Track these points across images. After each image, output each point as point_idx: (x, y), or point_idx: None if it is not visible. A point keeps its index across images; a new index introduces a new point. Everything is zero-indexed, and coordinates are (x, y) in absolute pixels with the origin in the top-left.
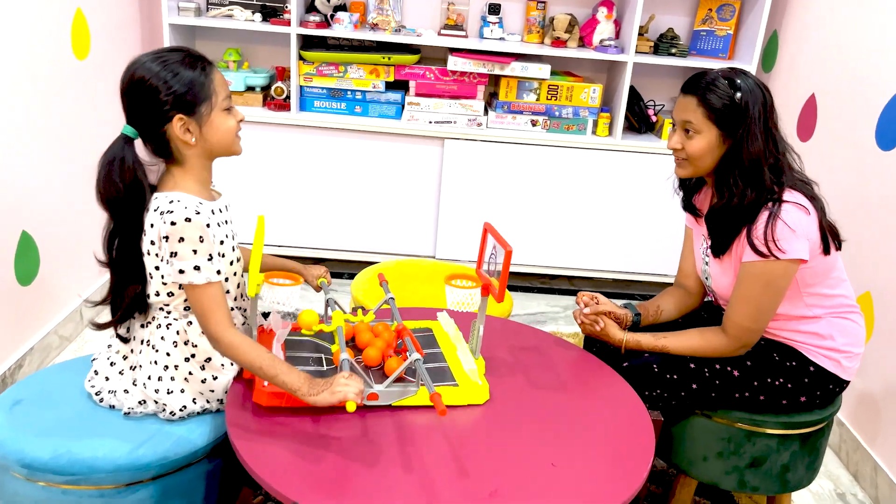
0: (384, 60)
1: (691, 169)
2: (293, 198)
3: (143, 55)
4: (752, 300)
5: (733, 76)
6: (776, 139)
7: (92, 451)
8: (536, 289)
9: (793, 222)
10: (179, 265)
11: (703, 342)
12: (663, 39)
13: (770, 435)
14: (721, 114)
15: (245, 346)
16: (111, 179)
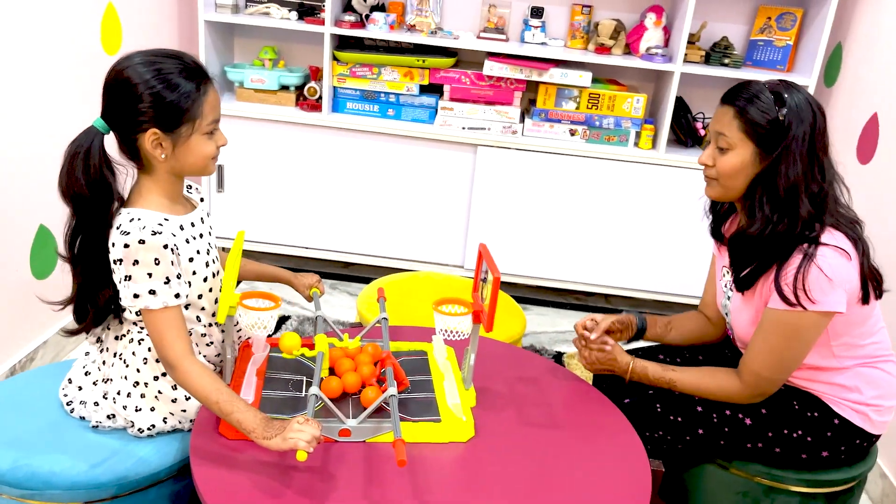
0: (419, 63)
1: (720, 189)
2: (321, 200)
3: (139, 54)
4: (774, 350)
5: (781, 90)
6: (823, 166)
7: (51, 466)
8: (570, 305)
9: (830, 270)
10: (134, 289)
11: (714, 383)
12: (716, 48)
13: (791, 492)
14: (760, 129)
15: (203, 378)
16: (73, 174)
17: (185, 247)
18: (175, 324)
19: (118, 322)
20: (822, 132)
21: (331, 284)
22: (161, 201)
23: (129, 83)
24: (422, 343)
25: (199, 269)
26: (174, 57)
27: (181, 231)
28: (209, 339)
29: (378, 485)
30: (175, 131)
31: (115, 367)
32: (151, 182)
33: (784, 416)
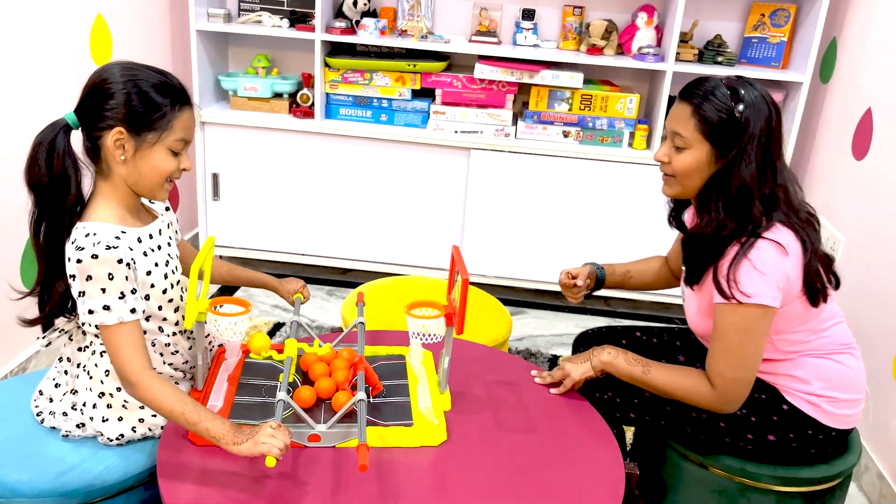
0: (410, 68)
1: (678, 187)
2: (316, 206)
3: (122, 63)
4: (729, 349)
5: (737, 86)
6: (776, 167)
7: (18, 475)
8: (568, 308)
9: (761, 263)
10: (89, 304)
11: (689, 382)
12: (709, 47)
13: (767, 491)
14: (716, 128)
15: (165, 391)
16: (37, 163)
17: (143, 260)
18: (132, 339)
19: (81, 333)
20: (777, 130)
21: (327, 291)
22: (118, 212)
23: (107, 81)
24: (400, 347)
25: (157, 281)
26: (159, 73)
27: (138, 244)
28: (174, 349)
29: (346, 490)
30: (140, 134)
31: (80, 378)
32: (110, 189)
33: None
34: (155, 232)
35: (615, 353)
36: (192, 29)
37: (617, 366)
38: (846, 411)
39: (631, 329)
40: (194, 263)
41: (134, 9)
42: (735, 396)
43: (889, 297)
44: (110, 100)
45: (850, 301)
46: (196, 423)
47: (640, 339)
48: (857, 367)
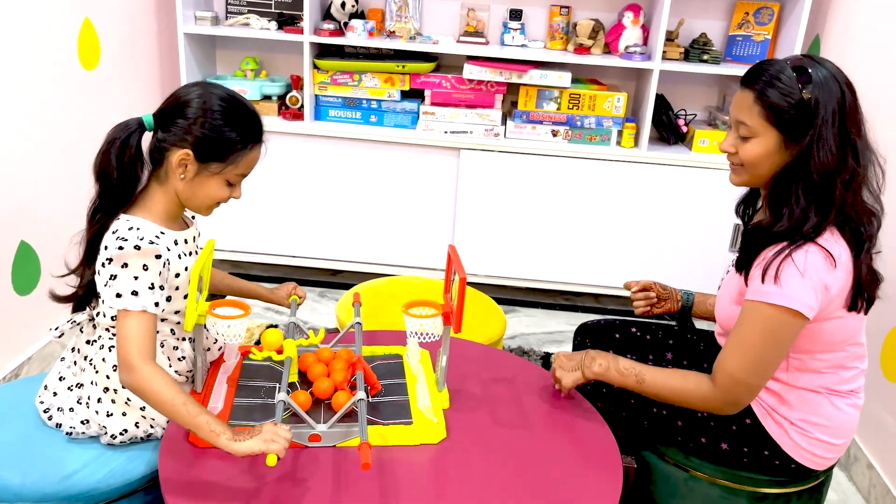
0: (399, 69)
1: (746, 177)
2: (306, 208)
3: (223, 89)
4: (750, 348)
5: (805, 65)
6: (857, 147)
7: (22, 478)
8: (559, 306)
9: (805, 264)
10: (118, 288)
11: (685, 384)
12: (695, 45)
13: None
14: (783, 114)
15: (165, 382)
16: (109, 157)
17: (176, 262)
18: (147, 329)
19: (92, 326)
20: (853, 108)
21: (318, 292)
22: (162, 214)
23: (198, 102)
24: (397, 346)
25: (182, 285)
26: (245, 108)
27: (175, 246)
28: (181, 354)
29: (348, 489)
30: (205, 164)
31: (86, 371)
32: (161, 193)
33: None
34: (189, 238)
35: (606, 363)
36: (179, 32)
37: (609, 377)
38: (818, 451)
39: (628, 324)
40: (194, 266)
41: (121, 12)
42: (737, 400)
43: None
44: (187, 121)
45: None
46: (195, 416)
47: (634, 334)
48: (853, 414)
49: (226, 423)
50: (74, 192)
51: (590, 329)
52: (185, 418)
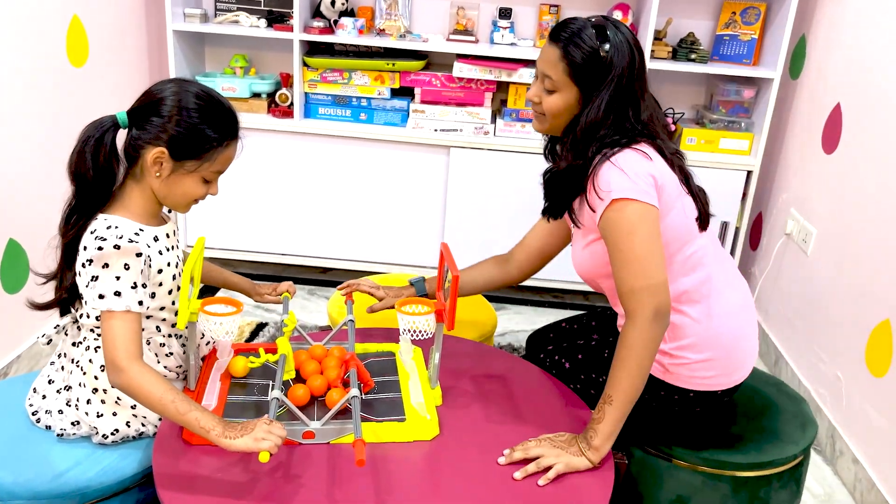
0: (389, 67)
1: (547, 125)
2: (296, 206)
3: (197, 85)
4: (627, 256)
5: (606, 26)
6: (639, 107)
7: (14, 477)
8: (548, 303)
9: (621, 163)
10: (100, 289)
11: (627, 348)
12: (682, 44)
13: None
14: (581, 70)
15: (154, 380)
16: (84, 157)
17: (157, 258)
18: (132, 328)
19: (76, 329)
20: (640, 70)
21: (308, 290)
22: (140, 212)
23: (172, 100)
24: (389, 344)
25: (165, 281)
26: (221, 104)
27: (155, 242)
28: (168, 350)
29: (342, 485)
30: (180, 161)
31: (73, 374)
32: (138, 191)
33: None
34: (170, 232)
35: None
36: (168, 29)
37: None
38: (697, 373)
39: (558, 322)
40: (186, 264)
41: (110, 10)
42: (654, 307)
43: (859, 287)
44: (162, 119)
45: (822, 291)
46: (185, 413)
47: (564, 328)
48: (699, 318)
49: (217, 418)
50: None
51: (535, 339)
52: (175, 416)
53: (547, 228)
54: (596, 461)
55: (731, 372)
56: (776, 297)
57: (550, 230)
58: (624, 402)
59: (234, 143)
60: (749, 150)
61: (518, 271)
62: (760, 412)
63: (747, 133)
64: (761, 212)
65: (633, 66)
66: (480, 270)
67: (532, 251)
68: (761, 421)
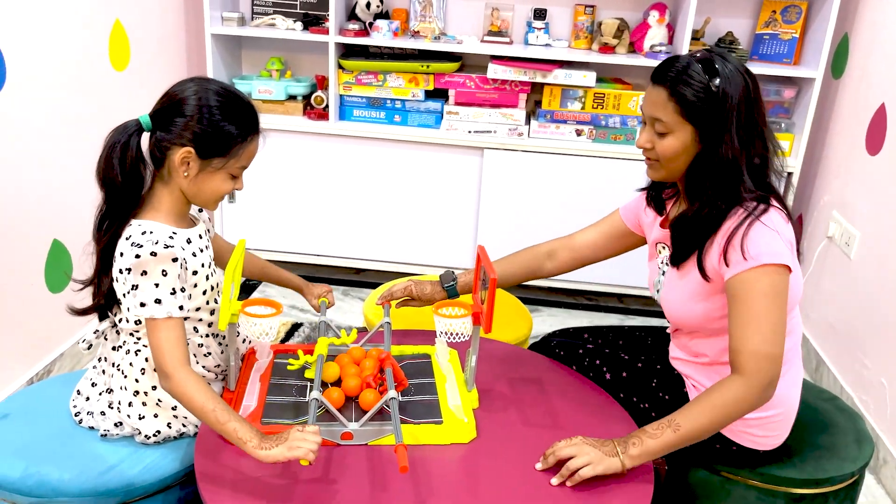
0: (423, 69)
1: (663, 172)
2: (330, 208)
3: (215, 82)
4: (761, 320)
5: (712, 59)
6: (764, 134)
7: (60, 474)
8: (582, 306)
9: (774, 224)
10: (141, 297)
11: (727, 398)
12: (721, 44)
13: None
14: (696, 108)
15: (199, 388)
16: (111, 163)
17: (192, 260)
18: (176, 333)
19: (115, 333)
20: (757, 99)
21: (342, 291)
22: (171, 214)
23: (193, 100)
24: (425, 346)
25: (200, 282)
26: (237, 98)
27: (188, 245)
28: (206, 350)
29: (381, 488)
30: (207, 160)
31: (114, 377)
32: (167, 193)
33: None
34: (202, 233)
35: (638, 440)
36: (206, 33)
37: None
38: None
39: (580, 331)
40: (228, 266)
41: (151, 14)
42: (771, 376)
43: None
44: (185, 119)
45: (866, 296)
46: (225, 423)
47: (587, 339)
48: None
49: (255, 430)
50: None
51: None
52: (215, 424)
53: (602, 239)
54: (627, 467)
55: (780, 434)
56: (817, 302)
57: (606, 242)
58: (685, 438)
59: (256, 138)
60: (789, 152)
61: (556, 270)
62: (815, 427)
63: (787, 134)
64: (801, 214)
65: (749, 94)
66: (517, 264)
67: (579, 256)
68: (816, 436)
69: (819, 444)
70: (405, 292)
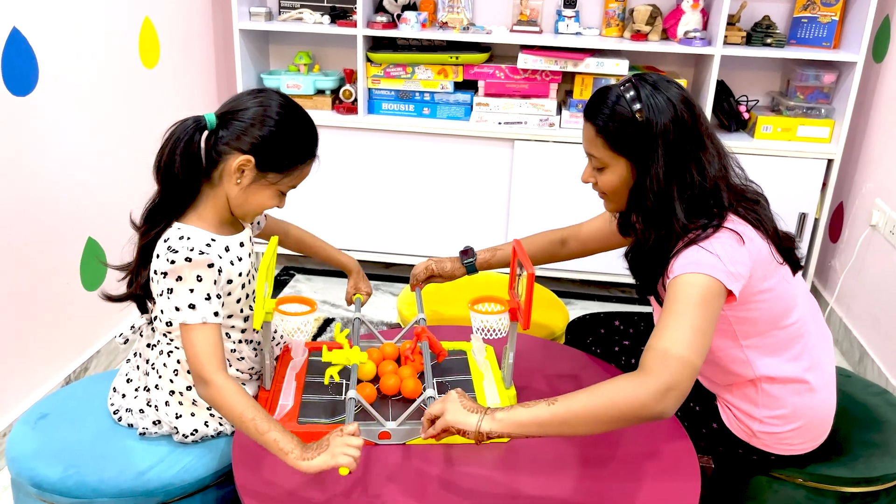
0: (452, 60)
1: (613, 204)
2: (359, 202)
3: (287, 98)
4: (680, 320)
5: (631, 88)
6: (701, 159)
7: (99, 474)
8: (616, 298)
9: (713, 246)
10: (175, 302)
11: (608, 388)
12: (757, 29)
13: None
14: (621, 140)
15: (238, 395)
16: (174, 157)
17: (228, 268)
18: (212, 339)
19: (150, 330)
20: (687, 121)
21: (373, 286)
22: (213, 220)
23: (262, 109)
24: (461, 343)
25: (235, 290)
26: (312, 124)
27: (226, 253)
28: (240, 355)
29: (419, 486)
30: (264, 172)
31: (150, 376)
32: (212, 196)
33: None
34: (244, 241)
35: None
36: (234, 28)
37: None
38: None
39: (611, 317)
40: (261, 265)
41: (179, 11)
42: (673, 382)
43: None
44: (253, 127)
45: None
46: (265, 433)
47: (618, 328)
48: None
49: (295, 439)
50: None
51: (578, 325)
52: (254, 434)
53: (605, 231)
54: (485, 429)
55: (817, 438)
56: (860, 292)
57: (609, 235)
58: (559, 418)
59: (312, 162)
60: (829, 138)
61: (568, 257)
62: (865, 424)
63: (827, 120)
64: (842, 202)
65: (679, 119)
66: (536, 248)
67: (586, 247)
68: (866, 433)
69: (870, 442)
70: (426, 272)
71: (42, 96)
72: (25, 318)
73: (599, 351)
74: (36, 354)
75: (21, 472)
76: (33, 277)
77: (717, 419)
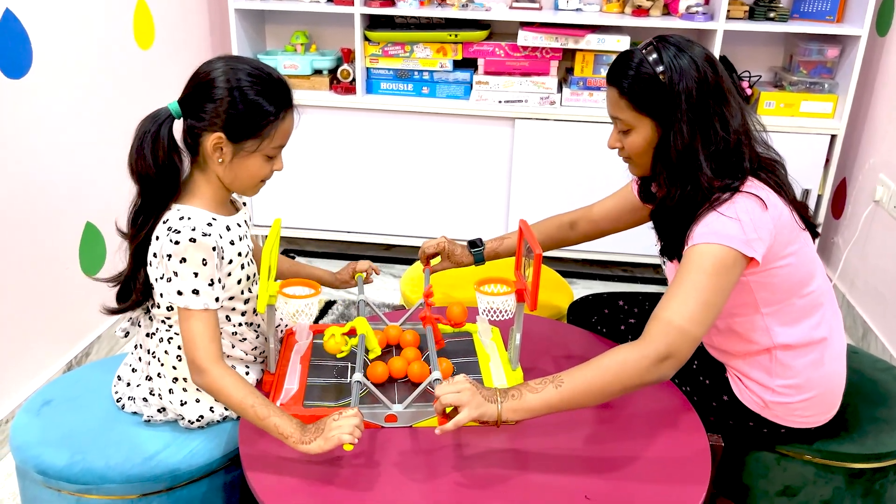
0: (451, 38)
1: (638, 168)
2: (359, 183)
3: (229, 61)
4: (689, 292)
5: (654, 50)
6: (725, 115)
7: (105, 461)
8: (617, 277)
9: (734, 211)
10: (178, 286)
11: (608, 359)
12: (760, 2)
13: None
14: (645, 100)
15: (235, 383)
16: (143, 154)
17: (229, 248)
18: (210, 326)
19: (148, 319)
20: (711, 80)
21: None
22: (211, 200)
23: (214, 83)
24: (467, 324)
25: (235, 271)
26: (266, 74)
27: (227, 232)
28: (241, 337)
29: (425, 469)
30: (239, 143)
31: (151, 365)
32: (204, 180)
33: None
34: (241, 221)
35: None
36: (230, 8)
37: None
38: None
39: (615, 297)
40: (265, 247)
41: None
42: (672, 350)
43: None
44: (213, 103)
45: None
46: (265, 418)
47: (622, 307)
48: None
49: (295, 422)
50: None
51: (580, 306)
52: (255, 420)
53: (616, 211)
54: (504, 419)
55: (828, 411)
56: (863, 268)
57: (621, 214)
58: (568, 398)
59: (290, 114)
60: (833, 113)
61: (578, 240)
62: (872, 399)
63: (831, 95)
64: (845, 178)
65: (702, 79)
66: (545, 234)
67: (598, 228)
68: (874, 409)
69: (877, 418)
70: (438, 247)
71: (37, 79)
72: (25, 304)
73: (605, 331)
74: (36, 340)
75: (27, 460)
76: (32, 263)
77: (727, 391)
